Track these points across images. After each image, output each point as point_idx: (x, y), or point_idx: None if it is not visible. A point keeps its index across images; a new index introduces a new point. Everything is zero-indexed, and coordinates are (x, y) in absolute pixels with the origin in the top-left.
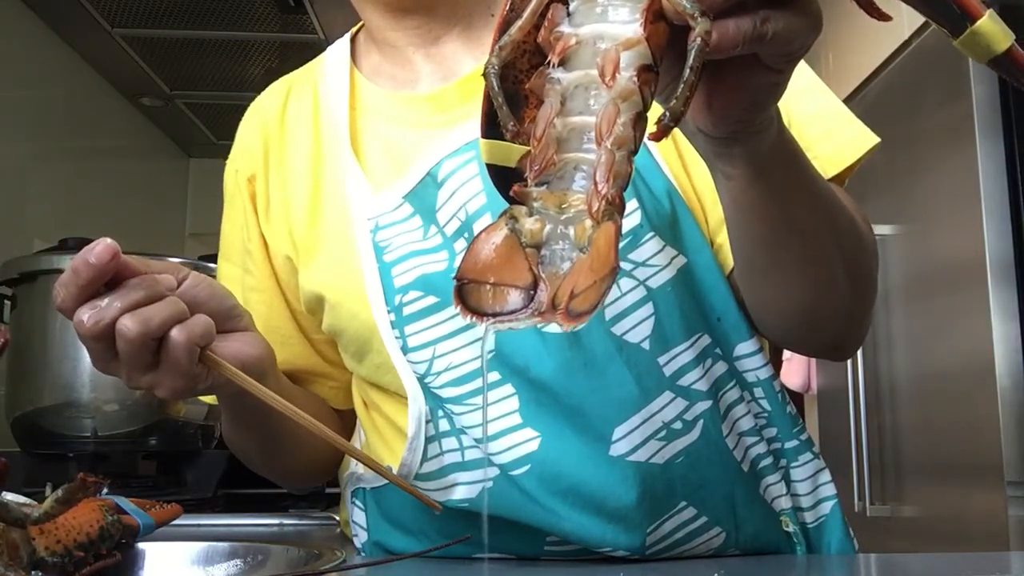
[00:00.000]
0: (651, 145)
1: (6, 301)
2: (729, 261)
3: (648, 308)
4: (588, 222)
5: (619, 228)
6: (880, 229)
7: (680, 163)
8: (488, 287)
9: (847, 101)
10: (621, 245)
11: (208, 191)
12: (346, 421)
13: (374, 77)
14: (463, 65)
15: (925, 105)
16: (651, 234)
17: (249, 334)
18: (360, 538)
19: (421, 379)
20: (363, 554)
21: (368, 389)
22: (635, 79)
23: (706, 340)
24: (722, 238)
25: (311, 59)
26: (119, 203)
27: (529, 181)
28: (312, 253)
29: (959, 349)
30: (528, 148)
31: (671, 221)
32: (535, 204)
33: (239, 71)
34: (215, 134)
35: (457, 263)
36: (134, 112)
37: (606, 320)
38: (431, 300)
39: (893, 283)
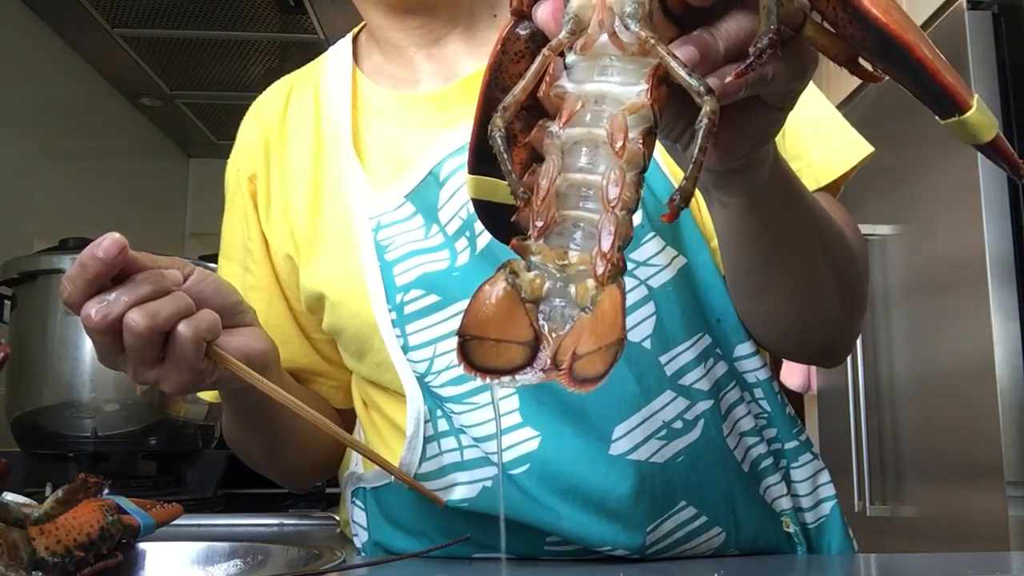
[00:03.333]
0: None
1: (6, 301)
2: None
3: (649, 307)
4: (591, 282)
5: (624, 292)
6: (880, 229)
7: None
8: (491, 343)
9: (848, 100)
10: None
11: (208, 191)
12: (347, 420)
13: (375, 77)
14: (465, 65)
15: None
16: (652, 234)
17: (253, 329)
18: (360, 538)
19: (421, 378)
20: (363, 554)
21: (368, 388)
22: (640, 143)
23: (707, 340)
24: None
25: (311, 59)
26: (119, 203)
27: (532, 238)
28: (313, 252)
29: (959, 349)
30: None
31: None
32: (533, 259)
33: (239, 71)
34: (215, 134)
35: (458, 262)
36: (134, 112)
37: None
38: (432, 299)
39: (893, 283)
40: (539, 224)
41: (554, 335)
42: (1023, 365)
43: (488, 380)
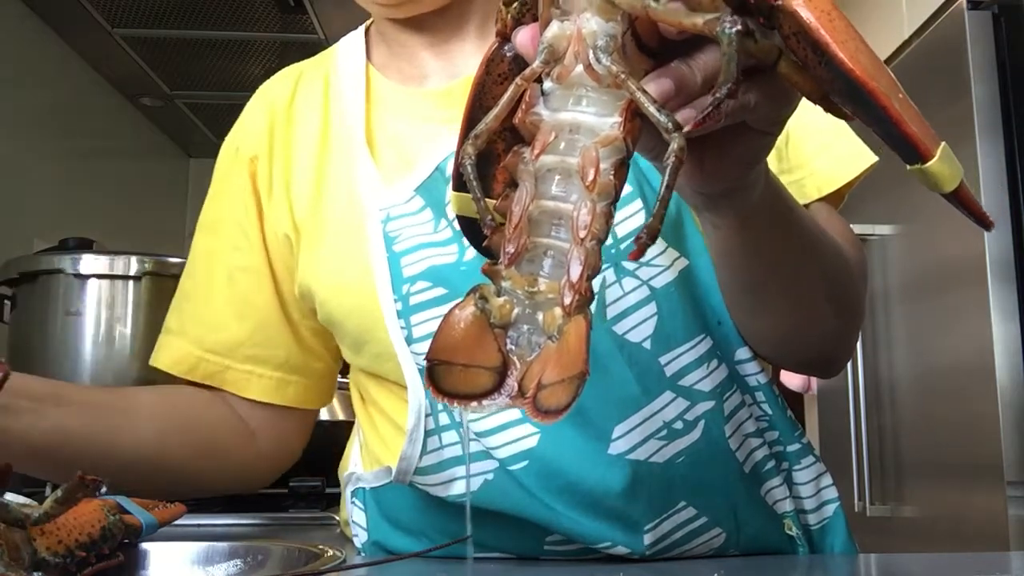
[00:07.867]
0: None
1: (6, 301)
2: None
3: (651, 308)
4: (558, 311)
5: (590, 323)
6: (880, 229)
7: None
8: (460, 368)
9: None
10: (623, 247)
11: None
12: (308, 421)
13: (384, 70)
14: (472, 62)
15: (925, 105)
16: None
17: None
18: (360, 538)
19: (423, 371)
20: (363, 554)
21: (366, 382)
22: (612, 174)
23: (708, 343)
24: None
25: None
26: (119, 203)
27: (503, 264)
28: (315, 242)
29: (959, 349)
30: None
31: (674, 223)
32: (504, 284)
33: (239, 71)
34: (215, 134)
35: (466, 257)
36: (134, 112)
37: (608, 319)
38: (439, 291)
39: (893, 283)
40: (510, 250)
41: (521, 361)
42: (1023, 365)
43: (456, 405)
